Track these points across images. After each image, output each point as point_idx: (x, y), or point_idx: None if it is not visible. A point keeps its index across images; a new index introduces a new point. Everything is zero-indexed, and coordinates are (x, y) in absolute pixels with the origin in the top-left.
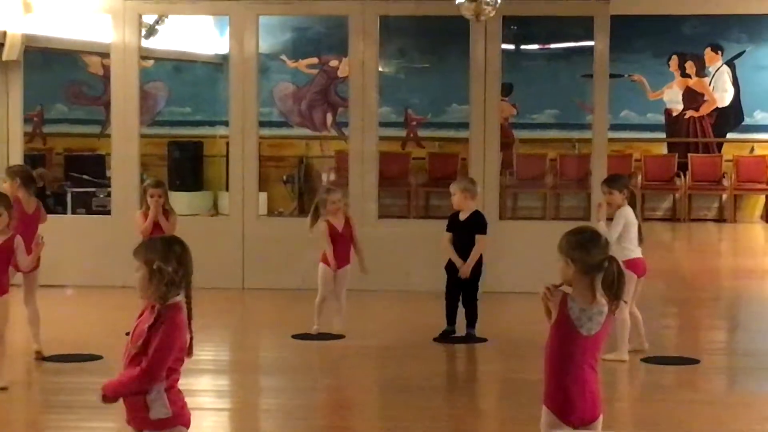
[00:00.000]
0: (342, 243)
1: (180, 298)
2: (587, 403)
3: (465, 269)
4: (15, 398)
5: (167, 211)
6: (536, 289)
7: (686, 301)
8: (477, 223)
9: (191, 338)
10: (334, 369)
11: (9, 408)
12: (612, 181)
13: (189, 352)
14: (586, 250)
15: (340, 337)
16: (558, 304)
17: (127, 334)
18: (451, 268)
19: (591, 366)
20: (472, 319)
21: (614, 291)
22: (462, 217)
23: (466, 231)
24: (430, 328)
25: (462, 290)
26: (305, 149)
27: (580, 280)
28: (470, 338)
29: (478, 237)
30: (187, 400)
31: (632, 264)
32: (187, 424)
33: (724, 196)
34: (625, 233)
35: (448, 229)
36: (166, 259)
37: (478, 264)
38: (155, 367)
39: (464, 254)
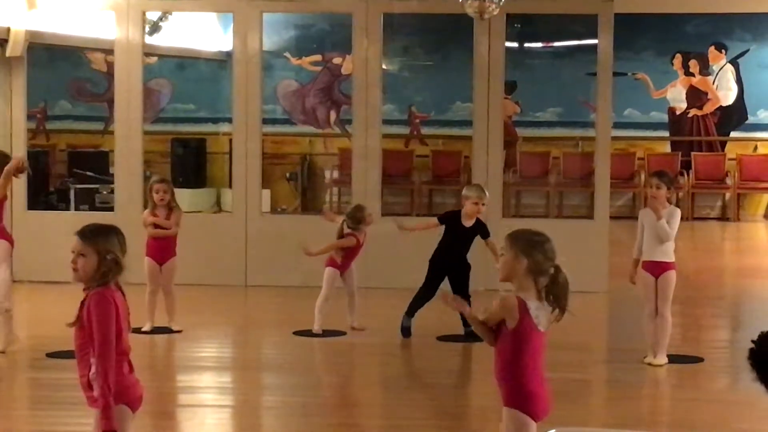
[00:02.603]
0: (356, 252)
1: (117, 281)
2: (547, 396)
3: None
4: (16, 394)
5: (172, 208)
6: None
7: (689, 299)
8: (483, 229)
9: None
10: (336, 366)
11: (10, 404)
12: (663, 176)
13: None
14: (543, 253)
15: (342, 333)
16: (517, 309)
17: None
18: (437, 263)
19: (542, 361)
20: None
21: (560, 301)
22: (468, 224)
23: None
24: (433, 326)
25: (454, 289)
26: (308, 146)
27: (526, 278)
28: (471, 335)
29: (488, 241)
30: (190, 396)
31: (675, 266)
32: (132, 404)
33: (728, 195)
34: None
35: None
36: (121, 250)
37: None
38: (104, 349)
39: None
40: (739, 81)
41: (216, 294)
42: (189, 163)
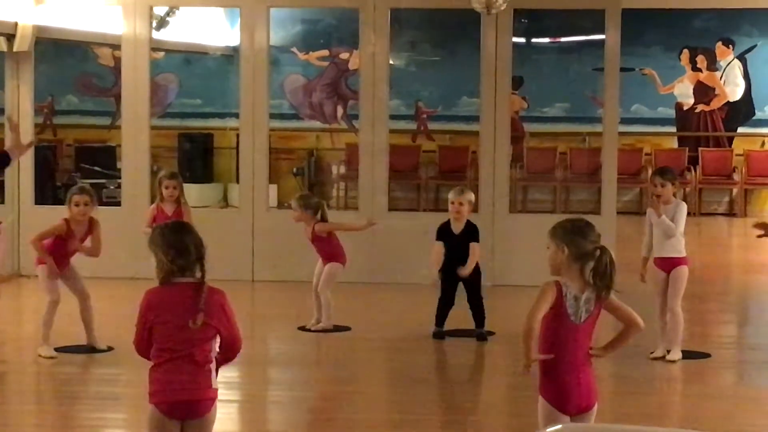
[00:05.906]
0: (319, 244)
1: (181, 280)
2: (582, 391)
3: (466, 270)
4: (25, 389)
5: (181, 204)
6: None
7: (696, 295)
8: (472, 233)
9: (201, 312)
10: (343, 361)
11: (20, 399)
12: (666, 173)
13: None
14: (582, 236)
15: (347, 329)
16: (553, 290)
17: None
18: (446, 271)
19: (584, 354)
20: (481, 319)
21: (606, 281)
22: (456, 229)
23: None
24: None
25: (467, 292)
26: (315, 142)
27: (570, 267)
28: (482, 337)
29: (473, 245)
30: None
31: (686, 261)
32: (159, 407)
33: (735, 191)
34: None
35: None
36: (162, 246)
37: (477, 266)
38: (135, 338)
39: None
40: (746, 76)
41: (222, 288)
42: (196, 158)
